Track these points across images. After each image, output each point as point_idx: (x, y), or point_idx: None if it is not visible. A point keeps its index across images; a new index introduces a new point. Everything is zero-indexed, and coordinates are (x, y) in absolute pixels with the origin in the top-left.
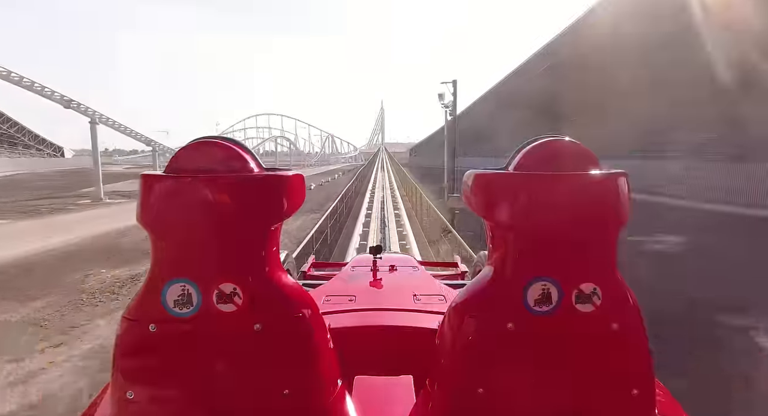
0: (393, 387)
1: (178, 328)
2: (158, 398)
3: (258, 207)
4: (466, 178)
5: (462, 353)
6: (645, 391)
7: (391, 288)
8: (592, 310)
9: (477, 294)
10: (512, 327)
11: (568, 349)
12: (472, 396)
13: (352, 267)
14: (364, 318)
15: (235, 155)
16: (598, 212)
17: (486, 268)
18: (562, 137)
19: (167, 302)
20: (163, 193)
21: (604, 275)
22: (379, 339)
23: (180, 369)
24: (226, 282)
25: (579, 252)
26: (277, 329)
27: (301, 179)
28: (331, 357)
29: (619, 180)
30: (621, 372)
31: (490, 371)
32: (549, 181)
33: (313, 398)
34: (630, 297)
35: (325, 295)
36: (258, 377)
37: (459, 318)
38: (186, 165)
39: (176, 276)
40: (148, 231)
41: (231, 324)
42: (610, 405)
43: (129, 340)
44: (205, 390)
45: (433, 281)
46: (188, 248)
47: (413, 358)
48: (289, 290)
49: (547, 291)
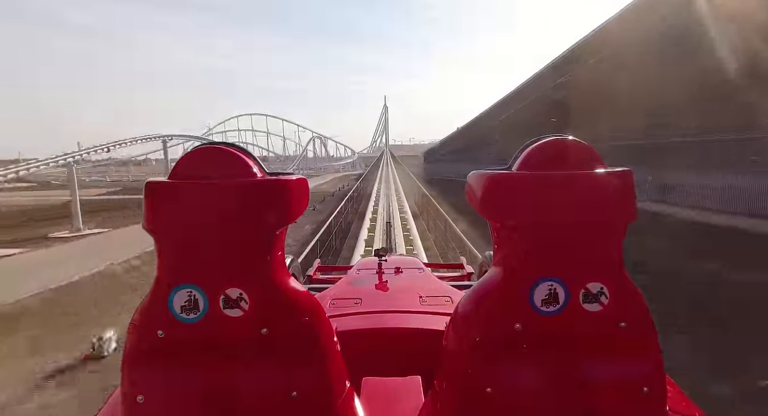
0: (401, 388)
1: (185, 334)
2: (167, 403)
3: (262, 212)
4: (470, 178)
5: (470, 354)
6: (656, 389)
7: (397, 290)
8: (600, 309)
9: (483, 295)
10: (520, 328)
11: (577, 349)
12: (481, 396)
13: (357, 270)
14: (371, 320)
15: (238, 160)
16: (603, 210)
17: (492, 269)
18: (565, 136)
19: (174, 308)
20: (168, 199)
21: (610, 274)
22: (386, 342)
23: (188, 374)
24: (232, 288)
25: (585, 252)
26: (284, 333)
27: (305, 183)
28: (338, 359)
29: (624, 177)
30: (631, 371)
31: (498, 371)
32: (553, 180)
33: (321, 400)
34: (637, 295)
35: (332, 299)
36: (266, 380)
37: (466, 320)
38: (190, 171)
39: (182, 282)
40: (154, 237)
41: (238, 328)
42: (621, 404)
43: (137, 346)
44: (213, 394)
45: (439, 282)
46: (194, 254)
47: (421, 360)
48: (295, 294)
49: (553, 291)
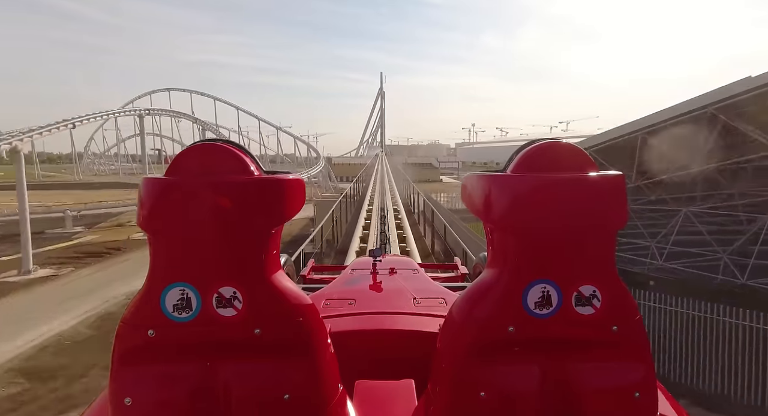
0: (394, 392)
1: (177, 333)
2: (157, 404)
3: (258, 210)
4: (465, 180)
5: (463, 357)
6: (647, 393)
7: (391, 291)
8: (592, 313)
9: (477, 298)
10: (513, 331)
11: (569, 352)
12: (475, 399)
13: (351, 270)
14: (364, 321)
15: (235, 158)
16: (596, 214)
17: (486, 271)
18: (559, 139)
19: (166, 306)
20: (163, 196)
21: (603, 277)
22: (380, 343)
23: (179, 375)
24: (226, 286)
25: (578, 254)
26: (277, 333)
27: (301, 183)
28: (331, 361)
29: (617, 181)
30: (623, 375)
31: (492, 374)
32: (546, 183)
33: (314, 403)
34: (629, 299)
35: (325, 299)
36: (258, 382)
37: (460, 322)
38: (186, 168)
39: (175, 280)
40: (148, 234)
41: (231, 328)
42: (613, 408)
43: (127, 346)
44: (205, 395)
45: (433, 284)
46: (188, 251)
47: (414, 362)
48: (289, 294)
49: (547, 294)
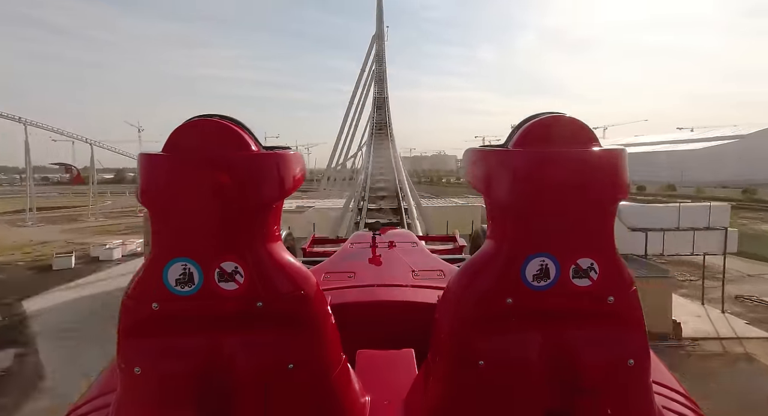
0: (394, 361)
1: (181, 306)
2: (163, 374)
3: (258, 185)
4: (466, 154)
5: (462, 327)
6: (641, 362)
7: (391, 264)
8: (589, 285)
9: (476, 270)
10: (511, 302)
11: (566, 323)
12: (473, 368)
13: (351, 243)
14: (364, 293)
15: (233, 133)
16: (595, 187)
17: (485, 244)
18: (561, 114)
19: (169, 281)
20: (163, 171)
21: (600, 249)
22: (380, 314)
23: (185, 347)
24: (228, 261)
25: (576, 228)
26: (279, 306)
27: (300, 158)
28: (333, 332)
29: (617, 155)
30: (618, 344)
31: (489, 345)
32: (547, 157)
33: (318, 371)
34: (625, 271)
35: (326, 272)
36: (262, 352)
37: (458, 294)
38: (184, 143)
39: (177, 254)
40: (148, 210)
41: (233, 302)
42: (608, 376)
43: (132, 319)
44: (209, 365)
45: (432, 257)
46: (189, 227)
47: (413, 332)
48: (290, 268)
49: (545, 267)
